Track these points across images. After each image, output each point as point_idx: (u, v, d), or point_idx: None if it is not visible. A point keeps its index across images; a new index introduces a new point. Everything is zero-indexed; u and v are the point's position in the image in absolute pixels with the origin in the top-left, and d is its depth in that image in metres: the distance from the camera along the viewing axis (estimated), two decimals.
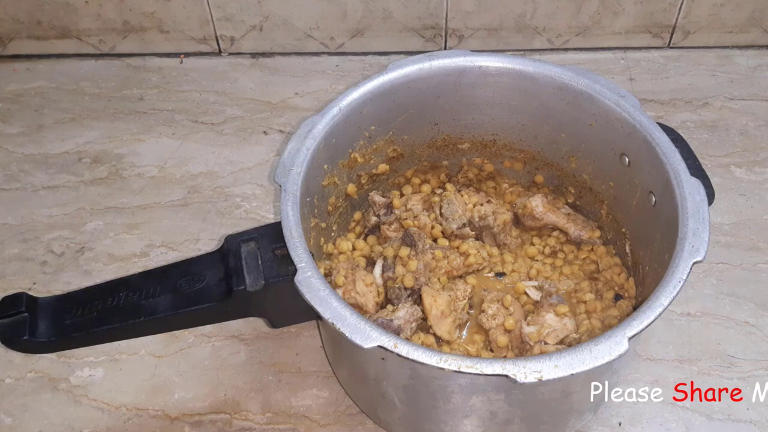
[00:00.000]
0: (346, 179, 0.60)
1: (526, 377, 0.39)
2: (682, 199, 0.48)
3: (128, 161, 0.78)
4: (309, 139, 0.53)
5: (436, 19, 0.86)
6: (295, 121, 0.82)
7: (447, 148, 0.65)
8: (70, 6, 0.85)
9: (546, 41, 0.88)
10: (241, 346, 0.63)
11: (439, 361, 0.40)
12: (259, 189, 0.75)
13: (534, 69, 0.57)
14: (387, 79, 0.57)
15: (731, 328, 0.63)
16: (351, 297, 0.54)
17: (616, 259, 0.61)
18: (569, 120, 0.58)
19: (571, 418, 0.53)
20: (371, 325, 0.42)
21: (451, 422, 0.50)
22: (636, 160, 0.55)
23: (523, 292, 0.59)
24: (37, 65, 0.90)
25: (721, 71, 0.87)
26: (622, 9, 0.85)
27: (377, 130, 0.60)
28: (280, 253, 0.47)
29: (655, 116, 0.77)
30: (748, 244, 0.69)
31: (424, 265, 0.57)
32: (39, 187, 0.76)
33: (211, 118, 0.83)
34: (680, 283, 0.44)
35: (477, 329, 0.57)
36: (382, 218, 0.62)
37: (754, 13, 0.86)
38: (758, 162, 0.76)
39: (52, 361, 0.62)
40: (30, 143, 0.81)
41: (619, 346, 0.41)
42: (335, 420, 0.58)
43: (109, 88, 0.87)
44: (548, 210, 0.63)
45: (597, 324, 0.56)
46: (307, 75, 0.88)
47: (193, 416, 0.58)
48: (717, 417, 0.57)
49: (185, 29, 0.88)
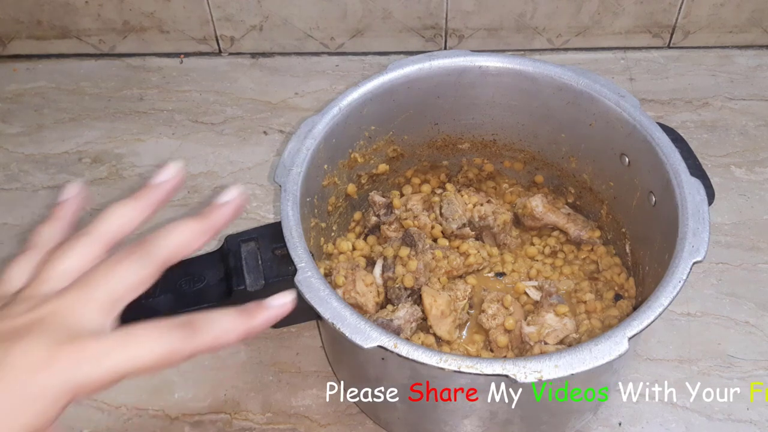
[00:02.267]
0: (346, 179, 0.60)
1: (526, 377, 0.39)
2: (682, 199, 0.48)
3: (128, 161, 0.78)
4: (309, 139, 0.53)
5: (436, 19, 0.86)
6: (295, 121, 0.82)
7: (447, 148, 0.65)
8: (70, 6, 0.85)
9: (546, 41, 0.88)
10: (241, 346, 0.63)
11: (439, 361, 0.40)
12: (259, 189, 0.75)
13: (534, 69, 0.57)
14: (387, 79, 0.57)
15: (731, 328, 0.63)
16: (351, 297, 0.54)
17: (616, 259, 0.61)
18: (569, 120, 0.58)
19: (571, 418, 0.53)
20: (371, 325, 0.42)
21: (451, 422, 0.50)
22: (636, 160, 0.55)
23: (523, 292, 0.59)
24: (37, 65, 0.90)
25: (721, 71, 0.87)
26: (622, 9, 0.85)
27: (377, 130, 0.60)
28: (280, 253, 0.47)
29: (655, 116, 0.77)
30: (748, 244, 0.69)
31: (424, 265, 0.57)
32: (39, 187, 0.76)
33: (211, 118, 0.83)
34: (680, 283, 0.44)
35: (477, 329, 0.57)
36: (382, 218, 0.62)
37: (754, 13, 0.86)
38: (758, 162, 0.76)
39: None
40: (30, 143, 0.81)
41: (619, 346, 0.41)
42: (335, 420, 0.58)
43: (109, 88, 0.87)
44: (548, 210, 0.63)
45: (597, 324, 0.56)
46: (307, 75, 0.88)
47: (193, 416, 0.58)
48: (717, 417, 0.57)
49: (185, 29, 0.88)
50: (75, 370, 0.29)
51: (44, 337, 0.29)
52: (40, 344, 0.29)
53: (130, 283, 0.32)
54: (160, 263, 0.33)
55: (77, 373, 0.29)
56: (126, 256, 0.33)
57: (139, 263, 0.33)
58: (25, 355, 0.29)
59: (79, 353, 0.30)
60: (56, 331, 0.30)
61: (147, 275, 0.33)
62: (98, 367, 0.30)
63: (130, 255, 0.33)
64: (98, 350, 0.30)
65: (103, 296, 0.32)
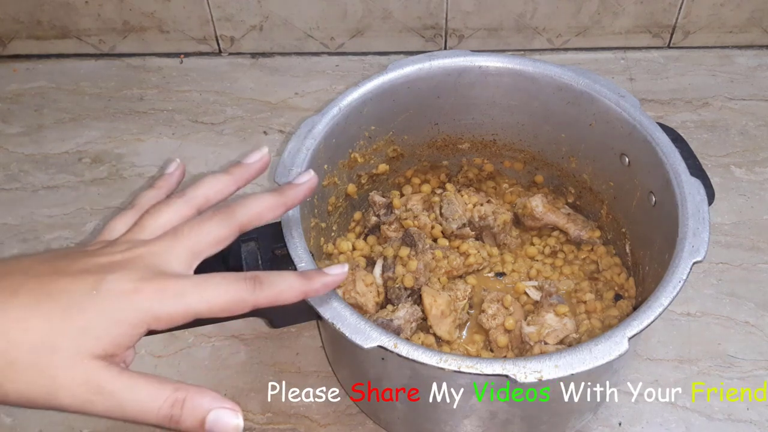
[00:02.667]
0: (346, 179, 0.60)
1: (526, 377, 0.39)
2: (682, 199, 0.48)
3: (128, 161, 0.78)
4: (309, 139, 0.53)
5: (436, 19, 0.86)
6: (295, 121, 0.82)
7: (447, 148, 0.65)
8: (70, 6, 0.85)
9: (546, 41, 0.88)
10: (241, 346, 0.63)
11: (439, 361, 0.40)
12: (259, 189, 0.75)
13: (534, 69, 0.57)
14: (387, 79, 0.57)
15: (731, 328, 0.63)
16: (351, 297, 0.54)
17: (616, 259, 0.61)
18: (569, 120, 0.58)
19: (571, 418, 0.53)
20: (371, 325, 0.42)
21: (451, 422, 0.50)
22: (636, 160, 0.55)
23: (523, 292, 0.59)
24: (37, 65, 0.90)
25: (721, 71, 0.87)
26: (622, 9, 0.85)
27: (377, 130, 0.60)
28: (280, 253, 0.47)
29: (655, 116, 0.77)
30: (748, 244, 0.69)
31: (424, 265, 0.57)
32: (39, 187, 0.76)
33: (211, 118, 0.83)
34: (680, 283, 0.44)
35: (477, 329, 0.57)
36: (382, 218, 0.62)
37: (754, 13, 0.86)
38: (758, 162, 0.76)
39: None
40: (30, 143, 0.81)
41: (619, 346, 0.41)
42: (335, 420, 0.58)
43: (109, 88, 0.87)
44: (548, 210, 0.63)
45: (597, 324, 0.56)
46: (307, 75, 0.88)
47: None
48: (717, 417, 0.57)
49: (185, 29, 0.88)
50: (155, 302, 0.33)
51: (134, 273, 0.34)
52: (130, 277, 0.34)
53: (212, 239, 0.37)
54: (239, 226, 0.38)
55: (156, 306, 0.33)
56: (210, 217, 0.38)
57: (221, 224, 0.38)
58: (116, 284, 0.33)
59: (161, 289, 0.34)
60: (145, 269, 0.34)
61: (226, 234, 0.38)
62: (175, 302, 0.34)
63: (214, 216, 0.38)
64: (177, 289, 0.34)
65: (187, 247, 0.37)
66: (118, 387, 0.32)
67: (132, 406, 0.32)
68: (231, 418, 0.33)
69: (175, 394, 0.32)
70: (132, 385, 0.32)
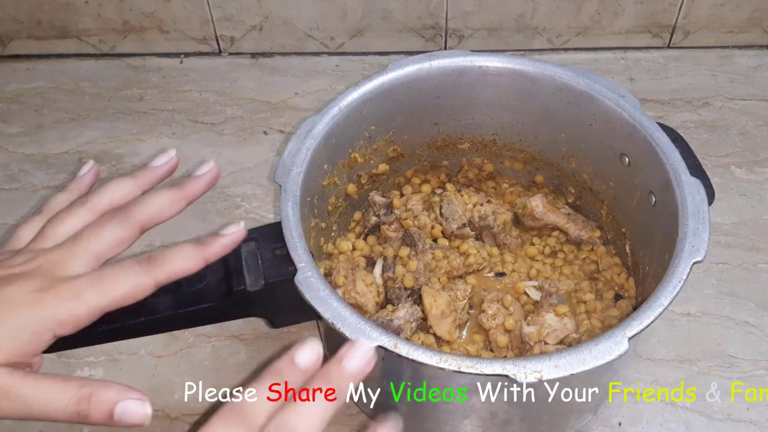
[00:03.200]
0: (346, 179, 0.60)
1: (526, 377, 0.39)
2: (682, 199, 0.48)
3: (128, 161, 0.78)
4: (309, 139, 0.53)
5: (436, 19, 0.86)
6: (295, 121, 0.82)
7: (447, 148, 0.65)
8: (70, 6, 0.85)
9: (546, 41, 0.88)
10: (241, 346, 0.63)
11: (439, 361, 0.40)
12: (259, 189, 0.75)
13: (534, 69, 0.57)
14: (387, 79, 0.57)
15: (731, 328, 0.63)
16: (351, 297, 0.54)
17: (616, 259, 0.61)
18: (569, 120, 0.58)
19: (571, 418, 0.53)
20: (371, 325, 0.42)
21: (451, 422, 0.50)
22: (636, 160, 0.55)
23: (523, 292, 0.59)
24: (37, 65, 0.90)
25: (721, 71, 0.87)
26: (622, 9, 0.85)
27: (377, 130, 0.60)
28: (280, 253, 0.47)
29: (655, 116, 0.77)
30: (748, 244, 0.69)
31: (424, 265, 0.57)
32: (39, 187, 0.76)
33: (211, 118, 0.83)
34: (680, 283, 0.44)
35: (477, 329, 0.57)
36: (382, 218, 0.62)
37: (754, 13, 0.86)
38: (758, 162, 0.76)
39: (52, 361, 0.62)
40: (30, 143, 0.81)
41: (619, 346, 0.41)
42: (335, 420, 0.57)
43: (109, 88, 0.87)
44: (548, 210, 0.63)
45: (597, 324, 0.56)
46: (307, 75, 0.88)
47: (194, 416, 0.58)
48: (717, 417, 0.57)
49: (185, 29, 0.88)
50: (56, 308, 0.35)
51: (33, 282, 0.35)
52: (29, 287, 0.35)
53: (112, 241, 0.38)
54: (139, 225, 0.39)
55: (58, 311, 0.35)
56: (109, 219, 0.39)
57: (119, 225, 0.38)
58: (15, 295, 0.34)
59: (59, 294, 0.35)
60: (44, 278, 0.35)
61: (127, 235, 0.39)
62: (74, 303, 0.35)
63: (113, 218, 0.39)
64: (73, 290, 0.35)
65: (87, 250, 0.37)
66: (23, 390, 0.33)
67: (39, 406, 0.33)
68: (138, 408, 0.33)
69: (81, 391, 0.33)
70: (37, 387, 0.33)
